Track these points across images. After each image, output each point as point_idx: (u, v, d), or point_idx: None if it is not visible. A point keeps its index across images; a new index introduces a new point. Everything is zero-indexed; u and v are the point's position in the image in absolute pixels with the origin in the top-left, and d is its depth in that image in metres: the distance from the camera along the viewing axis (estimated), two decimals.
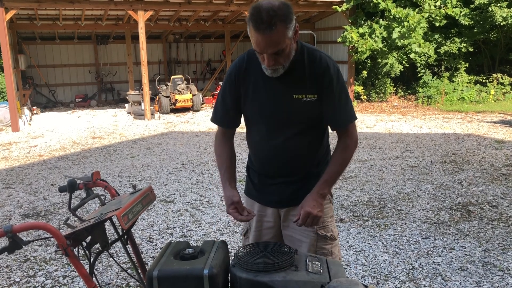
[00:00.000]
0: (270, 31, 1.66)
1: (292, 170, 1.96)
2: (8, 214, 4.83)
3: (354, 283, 1.53)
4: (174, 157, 7.32)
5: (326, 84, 1.84)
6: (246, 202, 2.11)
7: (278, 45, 1.70)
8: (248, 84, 1.91)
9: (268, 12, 1.65)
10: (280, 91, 1.86)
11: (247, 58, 1.92)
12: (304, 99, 1.85)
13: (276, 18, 1.66)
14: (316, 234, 1.97)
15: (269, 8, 1.66)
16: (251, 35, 1.72)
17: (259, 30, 1.67)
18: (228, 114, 1.99)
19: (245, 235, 2.13)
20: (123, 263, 3.53)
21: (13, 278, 3.39)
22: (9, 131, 10.23)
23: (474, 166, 6.21)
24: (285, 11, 1.69)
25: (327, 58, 1.87)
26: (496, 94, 12.48)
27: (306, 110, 1.86)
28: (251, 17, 1.69)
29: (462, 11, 12.10)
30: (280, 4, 1.69)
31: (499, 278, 3.20)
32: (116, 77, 16.00)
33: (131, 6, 11.08)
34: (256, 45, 1.72)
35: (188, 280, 1.58)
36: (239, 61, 1.94)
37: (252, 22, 1.68)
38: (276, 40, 1.69)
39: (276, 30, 1.67)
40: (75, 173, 6.44)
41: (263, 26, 1.66)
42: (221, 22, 14.90)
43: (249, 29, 1.72)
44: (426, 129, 9.23)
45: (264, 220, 2.07)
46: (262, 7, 1.67)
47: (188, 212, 4.72)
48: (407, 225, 4.21)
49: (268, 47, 1.70)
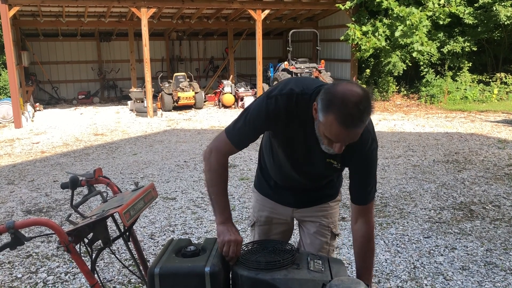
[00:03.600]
0: (359, 128, 1.54)
1: (309, 189, 2.06)
2: (11, 210, 4.84)
3: (355, 281, 1.53)
4: (176, 154, 7.32)
5: (360, 159, 1.78)
6: (258, 196, 2.14)
7: (359, 135, 1.58)
8: (287, 127, 1.75)
9: (358, 107, 1.49)
10: (316, 152, 1.77)
11: (295, 104, 1.71)
12: (335, 165, 1.82)
13: (366, 113, 1.51)
14: (331, 233, 2.09)
15: (359, 102, 1.49)
16: (327, 123, 1.54)
17: (347, 126, 1.51)
18: (248, 140, 1.84)
19: (252, 227, 2.17)
20: (124, 260, 3.54)
21: (15, 274, 3.40)
22: (11, 128, 10.25)
23: (477, 165, 6.20)
24: (370, 100, 1.53)
25: (370, 134, 1.75)
26: (499, 94, 12.43)
27: (335, 172, 1.94)
28: (334, 108, 1.51)
29: (466, 10, 12.05)
30: (363, 93, 1.51)
31: (501, 278, 3.19)
32: (119, 74, 16.00)
33: (134, 3, 11.08)
34: (335, 137, 1.57)
35: (189, 277, 1.58)
36: (288, 106, 1.70)
37: (336, 115, 1.50)
38: (359, 133, 1.57)
39: (364, 125, 1.54)
40: (77, 170, 6.45)
41: (354, 123, 1.51)
42: (224, 19, 14.87)
43: (326, 117, 1.53)
44: (428, 128, 9.21)
45: (275, 215, 2.09)
46: (349, 100, 1.48)
47: (190, 209, 4.72)
48: (409, 224, 4.21)
49: (350, 139, 1.59)
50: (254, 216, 2.15)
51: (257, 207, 2.15)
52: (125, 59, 15.77)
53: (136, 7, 11.11)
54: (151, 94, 11.53)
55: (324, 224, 2.07)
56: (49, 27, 14.18)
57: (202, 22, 14.62)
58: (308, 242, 2.09)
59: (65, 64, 15.49)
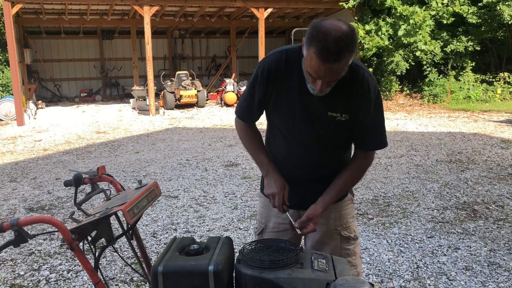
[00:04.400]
0: (337, 63, 1.52)
1: (316, 176, 1.90)
2: (13, 207, 4.84)
3: (360, 281, 1.52)
4: (178, 153, 7.32)
5: (363, 106, 1.73)
6: (264, 200, 2.01)
7: (339, 75, 1.58)
8: (281, 89, 1.76)
9: (337, 42, 1.48)
10: (315, 107, 1.73)
11: (285, 59, 1.74)
12: (338, 117, 1.74)
13: (345, 49, 1.50)
14: (340, 236, 1.94)
15: (339, 37, 1.48)
16: (309, 56, 1.55)
17: (325, 61, 1.51)
18: (251, 110, 1.86)
19: (259, 234, 2.03)
20: (127, 258, 3.54)
21: (17, 272, 3.40)
22: (14, 125, 10.26)
23: (480, 165, 6.18)
24: (354, 38, 1.52)
25: (369, 79, 1.74)
26: (502, 93, 12.40)
27: (338, 129, 1.78)
28: (315, 41, 1.51)
29: (469, 9, 12.02)
30: (348, 30, 1.51)
31: (504, 278, 3.18)
32: (121, 72, 16.02)
33: (136, 1, 11.08)
34: (314, 71, 1.56)
35: (193, 276, 1.57)
36: (276, 60, 1.75)
37: (316, 48, 1.50)
38: (339, 71, 1.56)
39: (343, 61, 1.52)
40: (79, 167, 6.46)
41: (331, 58, 1.50)
42: (227, 18, 14.87)
43: (308, 50, 1.54)
44: (431, 127, 9.19)
45: (282, 219, 1.94)
46: (330, 34, 1.49)
47: (192, 208, 4.72)
48: (412, 223, 4.19)
49: (329, 76, 1.57)
50: (262, 223, 2.03)
51: (264, 212, 2.03)
52: (127, 57, 15.79)
53: (138, 5, 11.11)
54: (153, 92, 11.53)
55: (330, 227, 1.94)
56: (51, 25, 14.20)
57: (204, 20, 14.62)
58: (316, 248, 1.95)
59: (68, 62, 15.51)
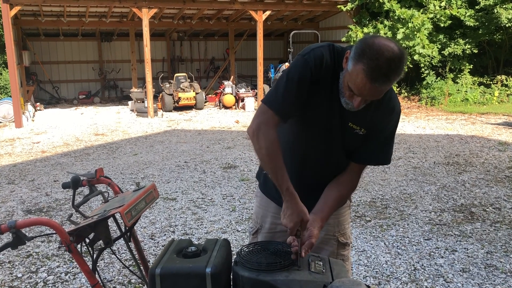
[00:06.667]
0: (385, 85, 1.47)
1: (317, 186, 1.87)
2: (11, 209, 4.84)
3: (356, 283, 1.53)
4: (176, 155, 7.32)
5: (383, 125, 1.72)
6: (261, 200, 1.99)
7: (381, 95, 1.52)
8: (316, 90, 1.66)
9: (389, 64, 1.43)
10: (339, 115, 1.70)
11: (333, 54, 1.64)
12: (356, 130, 1.72)
13: (395, 72, 1.45)
14: (337, 242, 1.94)
15: (391, 58, 1.43)
16: (354, 72, 1.48)
17: (374, 80, 1.45)
18: (292, 105, 1.66)
19: (254, 234, 2.01)
20: (124, 260, 3.54)
21: (15, 274, 3.40)
22: (12, 127, 10.26)
23: (477, 167, 6.20)
24: (404, 62, 1.47)
25: (395, 100, 1.72)
26: (500, 96, 12.43)
27: (352, 140, 1.76)
28: (366, 58, 1.45)
29: (467, 12, 12.06)
30: (399, 52, 1.45)
31: (501, 280, 3.19)
32: (120, 74, 16.02)
33: (135, 3, 11.09)
34: (358, 88, 1.51)
35: (190, 278, 1.58)
36: (329, 58, 1.63)
37: (366, 66, 1.45)
38: (383, 92, 1.51)
39: (390, 83, 1.49)
40: (77, 169, 6.45)
41: (381, 79, 1.45)
42: (225, 20, 14.89)
43: (356, 66, 1.48)
44: (429, 130, 9.21)
45: (279, 223, 1.84)
46: (383, 54, 1.43)
47: (190, 210, 4.72)
48: (410, 226, 4.20)
49: (371, 96, 1.53)
50: (257, 223, 1.99)
51: (260, 212, 2.00)
52: (126, 59, 15.79)
53: (137, 8, 11.12)
54: (151, 95, 11.53)
55: (329, 233, 1.93)
56: (50, 27, 14.20)
57: (203, 23, 14.64)
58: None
59: (66, 64, 15.51)
